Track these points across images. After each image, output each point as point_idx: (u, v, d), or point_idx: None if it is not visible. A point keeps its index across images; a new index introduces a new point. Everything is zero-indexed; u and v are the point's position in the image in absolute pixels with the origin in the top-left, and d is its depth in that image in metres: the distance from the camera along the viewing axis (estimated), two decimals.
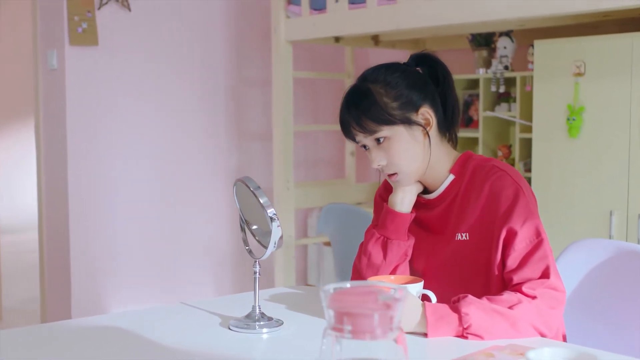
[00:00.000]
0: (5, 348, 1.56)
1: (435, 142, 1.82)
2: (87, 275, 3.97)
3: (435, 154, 1.81)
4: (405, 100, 1.77)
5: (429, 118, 1.78)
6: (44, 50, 4.03)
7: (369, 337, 1.08)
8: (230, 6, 4.37)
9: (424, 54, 1.88)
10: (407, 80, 1.80)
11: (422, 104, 1.78)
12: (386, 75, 1.80)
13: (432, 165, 1.82)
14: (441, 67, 1.86)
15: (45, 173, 4.09)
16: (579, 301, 2.18)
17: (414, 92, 1.79)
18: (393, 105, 1.76)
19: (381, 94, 1.77)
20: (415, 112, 1.78)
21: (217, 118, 4.37)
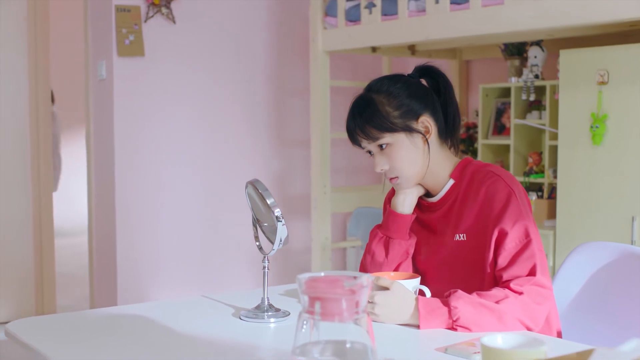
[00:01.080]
0: (41, 332, 1.74)
1: (435, 149, 1.94)
2: (132, 275, 4.17)
3: (435, 160, 1.94)
4: (406, 109, 1.90)
5: (428, 126, 1.91)
6: (94, 61, 4.25)
7: (337, 319, 1.22)
8: (271, 18, 4.54)
9: (426, 66, 2.01)
10: (409, 90, 1.93)
11: (422, 113, 1.91)
12: (389, 86, 1.94)
13: (433, 170, 1.94)
14: (442, 79, 1.99)
15: (95, 178, 4.31)
16: (582, 301, 2.27)
17: (415, 102, 1.91)
18: (394, 113, 1.90)
19: (383, 104, 1.91)
20: (416, 121, 1.91)
21: (259, 125, 4.54)
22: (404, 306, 1.74)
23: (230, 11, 4.41)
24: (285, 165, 4.64)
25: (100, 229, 4.29)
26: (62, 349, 1.61)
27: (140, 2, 4.12)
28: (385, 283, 1.77)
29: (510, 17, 3.17)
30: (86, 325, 1.83)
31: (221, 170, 4.44)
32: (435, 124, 1.94)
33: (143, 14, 4.13)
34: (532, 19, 3.11)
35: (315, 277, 1.25)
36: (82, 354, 1.58)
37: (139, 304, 2.05)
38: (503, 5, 3.20)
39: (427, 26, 3.53)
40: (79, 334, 1.73)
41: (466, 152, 4.38)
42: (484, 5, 3.28)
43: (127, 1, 4.09)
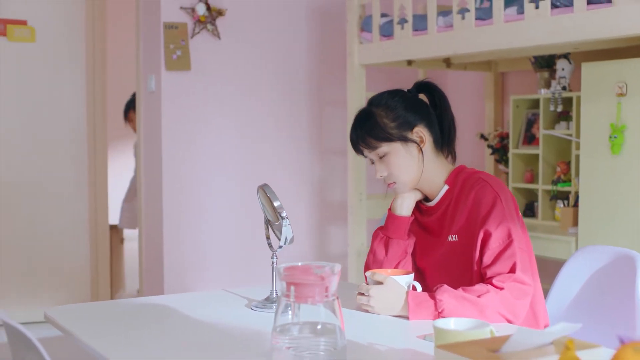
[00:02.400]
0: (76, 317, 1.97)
1: (431, 157, 2.12)
2: (177, 272, 4.41)
3: (430, 167, 2.12)
4: (402, 121, 2.09)
5: (422, 136, 2.10)
6: (144, 75, 4.53)
7: (309, 301, 1.42)
8: (311, 33, 4.76)
9: (424, 82, 2.20)
10: (405, 104, 2.11)
11: (417, 124, 2.10)
12: (387, 100, 2.13)
13: (429, 177, 2.13)
14: (438, 93, 2.18)
15: (145, 184, 4.58)
16: (581, 301, 2.42)
17: (410, 114, 2.10)
18: (391, 125, 2.09)
19: (382, 116, 2.10)
20: (411, 131, 2.09)
21: (299, 135, 4.75)
22: (395, 299, 1.92)
23: (272, 27, 4.64)
24: (325, 173, 4.84)
25: (149, 230, 4.56)
26: (92, 331, 1.83)
27: (187, 19, 4.38)
28: (380, 278, 1.96)
29: (530, 32, 3.32)
30: (116, 312, 2.06)
31: (263, 178, 4.64)
32: (430, 134, 2.12)
33: (190, 31, 4.38)
34: (550, 34, 3.25)
35: (292, 266, 1.45)
36: (108, 335, 1.80)
37: (165, 295, 2.28)
38: (523, 21, 3.35)
39: (454, 41, 3.69)
40: (108, 319, 1.96)
41: (500, 161, 4.52)
42: (506, 21, 3.43)
43: (175, 18, 4.35)
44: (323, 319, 1.43)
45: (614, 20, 3.00)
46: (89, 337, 1.77)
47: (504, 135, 4.51)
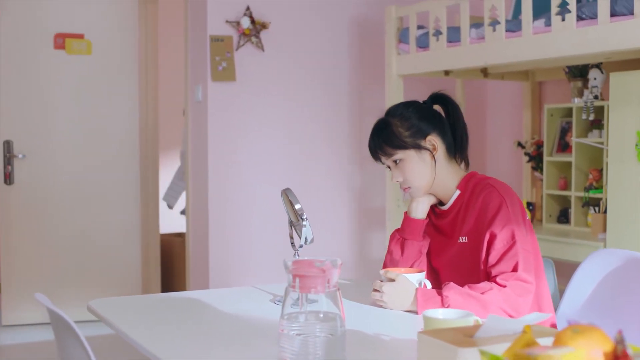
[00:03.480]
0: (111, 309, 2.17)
1: (444, 164, 2.27)
2: (222, 274, 4.61)
3: (443, 173, 2.27)
4: (416, 130, 2.25)
5: (434, 144, 2.25)
6: (192, 85, 4.75)
7: (312, 291, 1.58)
8: (351, 45, 4.92)
9: (438, 94, 2.35)
10: (419, 114, 2.27)
11: (429, 133, 2.25)
12: (402, 110, 2.29)
13: (442, 182, 2.28)
14: (451, 104, 2.33)
15: (192, 190, 4.80)
16: (594, 302, 2.53)
17: (423, 123, 2.26)
18: (405, 133, 2.25)
19: (397, 125, 2.26)
20: (424, 139, 2.25)
21: (340, 143, 4.92)
22: (406, 295, 2.07)
23: (313, 39, 4.82)
24: (365, 180, 4.99)
25: (195, 234, 4.77)
26: (128, 321, 2.03)
27: (233, 32, 4.59)
28: (392, 275, 2.11)
29: (557, 43, 3.43)
30: (152, 304, 2.25)
31: (305, 185, 4.83)
32: (443, 142, 2.27)
33: (235, 43, 4.59)
34: (575, 45, 3.36)
35: (299, 260, 1.61)
36: (142, 324, 1.99)
37: (198, 290, 2.47)
38: (550, 33, 3.46)
39: (485, 52, 3.82)
40: (144, 311, 2.15)
41: (536, 168, 4.61)
42: (535, 33, 3.55)
43: (220, 32, 4.56)
44: (325, 308, 1.59)
45: (637, 31, 3.10)
46: (125, 326, 1.96)
47: (539, 143, 4.60)
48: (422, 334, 1.39)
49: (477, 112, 5.34)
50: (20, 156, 5.24)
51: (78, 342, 1.68)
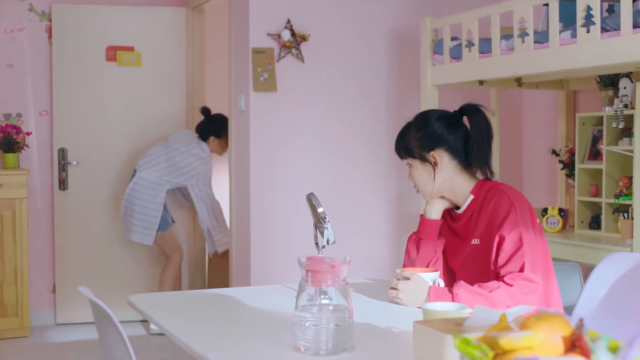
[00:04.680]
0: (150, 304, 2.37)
1: (455, 173, 2.42)
2: (264, 277, 4.81)
3: (455, 181, 2.42)
4: (424, 142, 2.41)
5: (437, 160, 2.40)
6: (235, 95, 4.96)
7: (324, 284, 1.75)
8: (389, 56, 5.08)
9: (465, 106, 2.47)
10: (433, 127, 2.42)
11: (435, 147, 2.40)
12: (422, 120, 2.45)
13: (454, 189, 2.43)
14: (474, 117, 2.43)
15: (235, 197, 5.01)
16: (608, 304, 2.65)
17: (433, 137, 2.41)
18: (415, 144, 2.41)
19: (412, 132, 2.42)
20: (428, 153, 2.40)
21: (378, 151, 5.07)
22: (419, 293, 2.23)
23: (352, 51, 4.99)
24: (402, 186, 5.14)
25: (239, 239, 4.98)
26: (164, 314, 2.22)
27: (274, 44, 4.78)
28: (407, 274, 2.27)
29: (582, 54, 3.55)
30: (187, 300, 2.44)
31: (344, 191, 5.00)
32: (453, 156, 2.40)
33: (276, 55, 4.78)
34: (600, 56, 3.47)
35: (311, 257, 1.78)
36: (178, 316, 2.18)
37: (231, 288, 2.65)
38: (576, 45, 3.58)
39: (515, 63, 3.95)
40: (180, 305, 2.34)
41: (570, 175, 4.71)
42: (561, 44, 3.67)
43: (262, 44, 4.76)
44: (334, 301, 1.76)
45: None
46: (161, 319, 2.15)
47: (573, 151, 4.70)
48: (416, 323, 1.55)
49: (514, 120, 5.45)
50: (74, 163, 5.51)
51: (116, 332, 1.88)
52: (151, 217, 5.17)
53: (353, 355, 1.75)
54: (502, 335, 1.21)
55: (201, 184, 5.26)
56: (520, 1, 3.91)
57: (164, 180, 5.20)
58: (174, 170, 5.20)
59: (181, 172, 5.21)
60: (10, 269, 5.17)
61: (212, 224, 5.33)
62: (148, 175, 5.19)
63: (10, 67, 5.54)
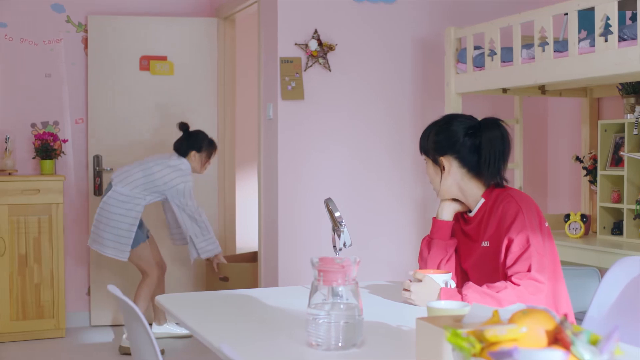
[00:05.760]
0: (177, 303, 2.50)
1: (465, 179, 2.53)
2: (291, 276, 4.92)
3: (466, 186, 2.53)
4: (438, 146, 2.52)
5: (445, 165, 2.51)
6: (264, 104, 5.10)
7: (334, 283, 1.86)
8: (414, 64, 5.18)
9: (485, 119, 2.58)
10: (450, 133, 2.53)
11: (445, 154, 2.52)
12: (444, 123, 2.56)
13: (465, 193, 2.54)
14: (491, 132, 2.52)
15: (264, 204, 5.14)
16: (619, 305, 2.72)
17: (447, 144, 2.52)
18: (431, 145, 2.53)
19: (433, 133, 2.54)
20: (439, 157, 2.51)
21: (403, 158, 5.17)
22: (431, 293, 2.33)
23: (377, 60, 5.10)
24: (426, 192, 5.23)
25: (267, 243, 5.10)
26: (190, 313, 2.34)
27: (301, 54, 4.91)
28: (419, 276, 2.37)
29: (600, 63, 3.62)
30: (212, 299, 2.57)
31: (369, 197, 5.10)
32: (462, 165, 2.51)
33: (303, 64, 4.91)
34: (617, 65, 3.54)
35: (323, 257, 1.90)
36: (201, 315, 2.31)
37: (255, 288, 2.77)
38: (594, 53, 3.65)
39: (535, 71, 4.03)
40: (205, 305, 2.47)
41: (593, 182, 4.77)
42: (580, 53, 3.75)
43: (290, 54, 4.89)
44: (345, 299, 1.87)
45: None
46: (185, 317, 2.27)
47: (596, 157, 4.75)
48: (418, 320, 1.66)
49: (539, 127, 5.52)
50: (108, 169, 5.69)
51: (144, 329, 2.00)
52: (125, 231, 4.99)
53: (362, 350, 1.86)
54: (488, 329, 1.31)
55: (181, 197, 5.06)
56: (540, 11, 3.99)
57: (141, 195, 5.02)
58: (150, 183, 5.03)
59: (158, 185, 5.03)
60: (47, 272, 5.35)
61: (194, 231, 5.12)
62: (124, 189, 5.00)
63: (48, 77, 5.73)
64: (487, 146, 2.52)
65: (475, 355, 1.30)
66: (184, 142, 5.20)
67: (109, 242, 4.99)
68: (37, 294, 5.34)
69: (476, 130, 2.55)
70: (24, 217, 5.30)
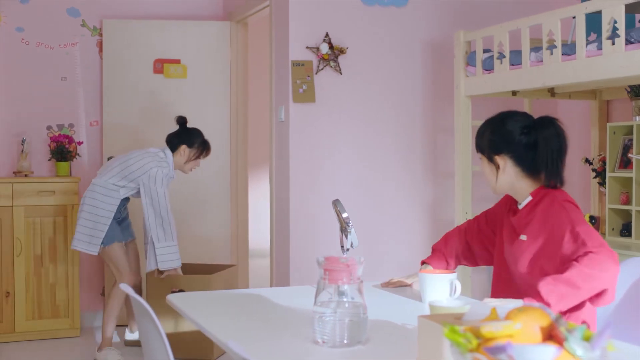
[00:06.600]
0: (187, 302, 2.56)
1: (519, 177, 2.58)
2: (302, 276, 4.98)
3: (514, 184, 2.59)
4: (493, 145, 2.58)
5: (500, 164, 2.56)
6: (276, 106, 5.16)
7: (340, 282, 1.91)
8: (424, 67, 5.22)
9: (540, 118, 2.62)
10: (505, 132, 2.57)
11: (500, 153, 2.57)
12: (499, 121, 2.61)
13: (514, 189, 2.61)
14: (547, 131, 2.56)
15: (275, 206, 5.20)
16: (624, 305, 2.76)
17: (502, 142, 2.56)
18: (486, 144, 2.57)
19: (488, 132, 2.59)
20: (495, 156, 2.56)
21: (413, 160, 5.22)
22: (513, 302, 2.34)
23: (388, 63, 5.15)
24: (437, 194, 5.28)
25: (279, 244, 5.16)
26: (199, 312, 2.40)
27: (312, 57, 4.97)
28: (425, 275, 2.42)
29: (607, 66, 3.66)
30: (222, 298, 2.62)
31: (380, 199, 5.15)
32: (516, 163, 2.56)
33: (314, 67, 4.97)
34: (624, 68, 3.58)
35: (329, 257, 1.95)
36: (211, 313, 2.37)
37: (265, 288, 2.83)
38: (601, 56, 3.69)
39: (544, 74, 4.07)
40: (215, 304, 2.53)
41: (602, 184, 4.80)
42: (587, 56, 3.79)
43: (301, 57, 4.95)
44: (350, 297, 1.92)
45: None
46: (195, 315, 2.33)
47: (605, 159, 4.78)
48: (420, 317, 1.71)
49: None
50: None
51: (154, 325, 2.06)
52: (99, 224, 4.72)
53: (367, 347, 1.91)
54: (484, 325, 1.36)
55: (152, 182, 4.68)
56: (548, 14, 4.03)
57: (116, 186, 4.75)
58: (126, 170, 4.74)
59: (133, 172, 4.72)
60: (62, 272, 5.43)
61: (157, 234, 4.70)
62: (100, 181, 4.78)
63: (64, 80, 5.82)
64: (543, 144, 2.55)
65: (471, 350, 1.35)
66: (177, 135, 4.95)
67: (82, 235, 4.73)
68: (52, 293, 5.42)
69: (531, 129, 2.58)
70: (40, 218, 5.39)
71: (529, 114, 2.68)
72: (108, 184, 4.76)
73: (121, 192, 4.77)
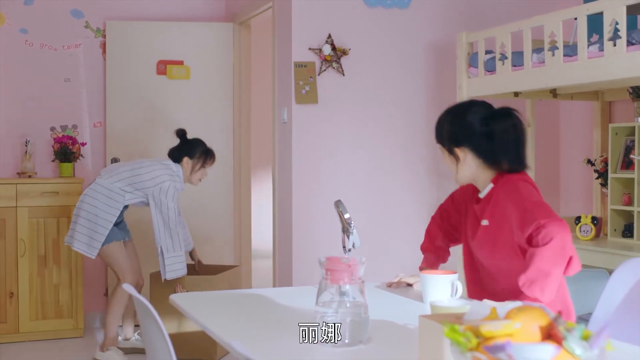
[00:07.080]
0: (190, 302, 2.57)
1: (476, 169, 2.59)
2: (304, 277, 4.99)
3: (475, 174, 2.60)
4: (452, 137, 2.58)
5: (460, 156, 2.56)
6: (279, 108, 5.17)
7: (341, 282, 1.93)
8: (426, 69, 5.24)
9: (499, 109, 2.63)
10: (465, 124, 2.57)
11: (460, 145, 2.57)
12: (459, 113, 2.61)
13: (476, 179, 2.63)
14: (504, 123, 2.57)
15: (278, 207, 5.21)
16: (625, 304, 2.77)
17: (462, 135, 2.56)
18: (446, 135, 2.58)
19: (447, 123, 2.60)
20: (455, 148, 2.57)
21: (416, 161, 5.23)
22: None
23: (390, 64, 5.16)
24: (440, 195, 5.28)
25: (281, 245, 5.17)
26: (203, 312, 2.42)
27: (315, 58, 4.98)
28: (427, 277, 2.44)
29: (608, 67, 3.67)
30: (225, 299, 2.64)
31: (383, 200, 5.17)
32: (476, 154, 2.56)
33: (317, 68, 4.98)
34: (625, 69, 3.59)
35: (330, 257, 1.96)
36: (214, 313, 2.38)
37: (268, 288, 2.84)
38: (603, 58, 3.70)
39: (545, 75, 4.08)
40: (218, 304, 2.54)
41: (604, 184, 4.80)
42: (589, 57, 3.80)
43: (304, 58, 4.97)
44: (351, 297, 1.93)
45: None
46: (198, 315, 2.35)
47: (607, 160, 4.79)
48: (421, 317, 1.72)
49: (551, 130, 5.56)
50: None
51: (156, 326, 2.07)
52: (99, 226, 4.69)
53: (368, 346, 1.93)
54: (484, 324, 1.37)
55: (163, 195, 4.71)
56: (550, 16, 4.05)
57: (122, 191, 4.73)
58: (136, 178, 4.73)
59: (144, 181, 4.72)
60: (66, 272, 5.45)
61: (166, 244, 4.75)
62: (106, 183, 4.74)
63: (67, 81, 5.84)
64: (499, 136, 2.56)
65: (471, 349, 1.37)
66: (178, 149, 4.94)
67: (82, 236, 4.69)
68: (56, 294, 5.44)
69: (490, 119, 2.59)
70: (43, 219, 5.41)
71: (489, 104, 2.66)
72: (114, 187, 4.73)
73: (126, 197, 4.74)
